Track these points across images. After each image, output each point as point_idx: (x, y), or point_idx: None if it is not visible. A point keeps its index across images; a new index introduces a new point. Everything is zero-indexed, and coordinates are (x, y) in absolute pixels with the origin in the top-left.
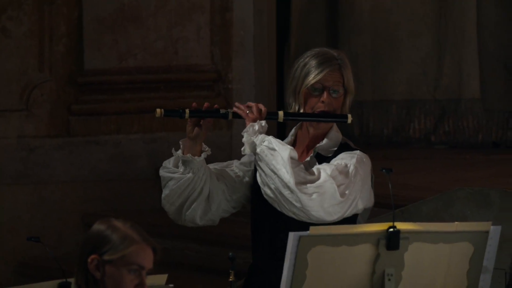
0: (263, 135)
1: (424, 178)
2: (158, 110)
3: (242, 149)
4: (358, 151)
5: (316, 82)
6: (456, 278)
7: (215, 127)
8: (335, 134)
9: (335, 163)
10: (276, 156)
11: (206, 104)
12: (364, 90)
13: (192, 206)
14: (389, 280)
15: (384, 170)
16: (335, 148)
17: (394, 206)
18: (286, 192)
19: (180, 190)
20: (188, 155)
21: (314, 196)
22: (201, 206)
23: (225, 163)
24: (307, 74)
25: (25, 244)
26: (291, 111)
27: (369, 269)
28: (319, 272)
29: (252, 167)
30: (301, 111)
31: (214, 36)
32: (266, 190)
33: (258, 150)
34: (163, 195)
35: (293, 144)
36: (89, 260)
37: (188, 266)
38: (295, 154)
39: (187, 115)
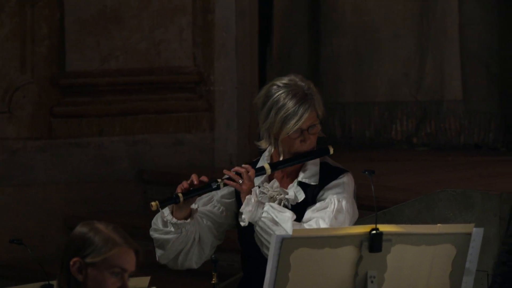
0: (261, 207)
1: (406, 180)
2: (152, 203)
3: (241, 221)
4: (344, 178)
5: (296, 129)
6: (438, 280)
7: (198, 130)
8: (314, 160)
9: (327, 202)
10: (279, 227)
11: (194, 177)
12: (346, 92)
13: (188, 256)
14: (372, 282)
15: (366, 172)
16: (318, 173)
17: (376, 208)
18: None
19: (175, 247)
20: (182, 221)
21: None
22: (195, 252)
23: (205, 199)
24: (284, 121)
25: (7, 246)
26: (264, 144)
27: (351, 271)
28: (302, 274)
29: (233, 198)
30: (281, 155)
31: (196, 38)
32: (265, 251)
33: (259, 223)
34: (158, 254)
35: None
36: (71, 262)
37: (170, 268)
38: (294, 217)
39: (181, 200)
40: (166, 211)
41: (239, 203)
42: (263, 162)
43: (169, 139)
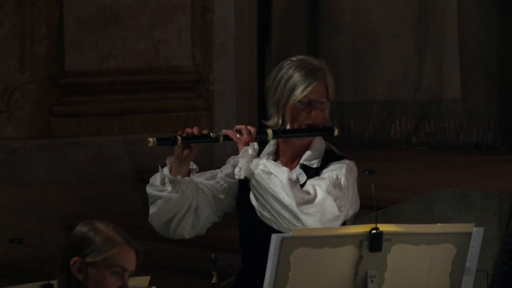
0: (257, 159)
1: (405, 180)
2: (150, 139)
3: (237, 173)
4: (346, 160)
5: (303, 97)
6: (438, 279)
7: None
8: (319, 142)
9: (326, 175)
10: (274, 179)
11: (195, 129)
12: (345, 91)
13: (181, 223)
14: (372, 282)
15: (366, 172)
16: (321, 158)
17: (376, 207)
18: (286, 214)
19: (169, 208)
20: (178, 176)
21: (315, 215)
22: (189, 221)
23: (209, 174)
24: (293, 89)
25: (6, 245)
26: (272, 122)
27: (351, 271)
28: (302, 274)
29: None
30: (287, 125)
31: (195, 38)
32: (263, 213)
33: (255, 175)
34: (150, 212)
35: (276, 153)
36: (71, 262)
37: (170, 268)
38: (291, 175)
39: (179, 142)
40: (165, 169)
41: (241, 185)
42: (269, 148)
43: None
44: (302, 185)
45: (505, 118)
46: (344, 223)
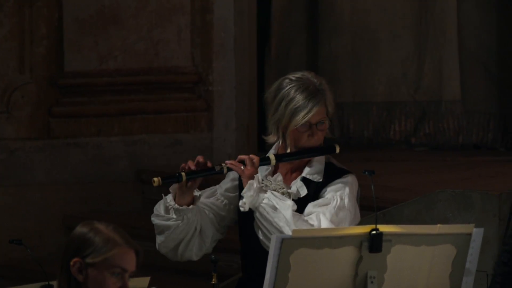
0: (262, 193)
1: (404, 180)
2: (155, 179)
3: (242, 205)
4: (348, 177)
5: (304, 122)
6: (438, 280)
7: (196, 130)
8: (319, 157)
9: (330, 196)
10: (278, 214)
11: (200, 158)
12: (344, 92)
13: (188, 247)
14: (372, 282)
15: (366, 172)
16: (322, 173)
17: (376, 208)
18: None
19: (175, 235)
20: (184, 206)
21: None
22: (196, 243)
23: (209, 192)
24: (294, 114)
25: (6, 246)
26: (272, 139)
27: (351, 271)
28: (302, 274)
29: (237, 192)
30: (288, 147)
31: (195, 38)
32: (266, 242)
33: (259, 208)
34: (158, 241)
35: (276, 166)
36: (71, 263)
37: (170, 268)
38: (295, 207)
39: (184, 178)
40: (169, 197)
41: (241, 197)
42: (269, 154)
43: (167, 139)
44: (303, 200)
45: (505, 119)
46: None
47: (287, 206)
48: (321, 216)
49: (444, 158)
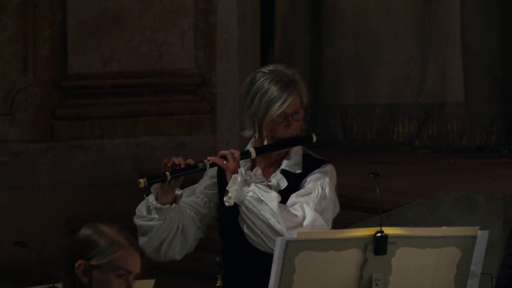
0: (246, 187)
1: (408, 183)
2: (141, 180)
3: (226, 200)
4: (327, 166)
5: (280, 112)
6: (443, 283)
7: (199, 132)
8: (296, 148)
9: (310, 186)
10: (264, 206)
11: (180, 160)
12: (348, 94)
13: (171, 246)
14: (377, 285)
15: (371, 175)
16: (301, 164)
17: (381, 210)
18: (276, 238)
19: (159, 235)
20: (167, 205)
21: None
22: (178, 242)
23: (188, 191)
24: (269, 105)
25: (9, 248)
26: (248, 133)
27: (356, 274)
28: (307, 277)
29: (216, 189)
30: (265, 140)
31: (198, 40)
32: (252, 236)
33: (244, 202)
34: (141, 242)
35: (253, 160)
36: (76, 265)
37: (174, 271)
38: (280, 198)
39: (168, 178)
40: (151, 197)
41: (221, 194)
42: (249, 148)
43: (171, 141)
44: (285, 192)
45: (508, 121)
46: None
47: (272, 198)
48: (305, 206)
49: (447, 160)
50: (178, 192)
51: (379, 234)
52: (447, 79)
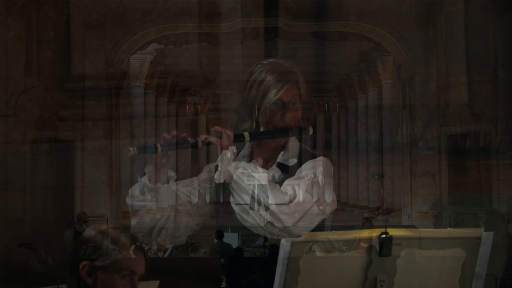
0: (236, 162)
1: (412, 184)
2: (130, 148)
3: (216, 177)
4: (321, 158)
5: (276, 99)
6: (448, 284)
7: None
8: (293, 143)
9: (304, 173)
10: (253, 181)
11: (175, 132)
12: None
13: (162, 231)
14: (382, 286)
15: (376, 176)
16: (297, 157)
17: (386, 211)
18: (266, 215)
19: (149, 217)
20: (158, 184)
21: (295, 214)
22: (169, 229)
23: (186, 181)
24: (266, 92)
25: (14, 249)
26: (246, 126)
27: (361, 275)
28: (311, 278)
29: (213, 183)
30: (261, 127)
31: (202, 41)
32: (243, 216)
33: (234, 177)
34: (133, 223)
35: (251, 156)
36: (80, 266)
37: (179, 272)
38: (269, 176)
39: (158, 149)
40: (144, 178)
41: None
42: (244, 151)
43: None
44: (280, 183)
45: None
46: (323, 221)
47: (261, 172)
48: (296, 187)
49: (452, 161)
50: (171, 173)
51: (384, 236)
52: (451, 80)
